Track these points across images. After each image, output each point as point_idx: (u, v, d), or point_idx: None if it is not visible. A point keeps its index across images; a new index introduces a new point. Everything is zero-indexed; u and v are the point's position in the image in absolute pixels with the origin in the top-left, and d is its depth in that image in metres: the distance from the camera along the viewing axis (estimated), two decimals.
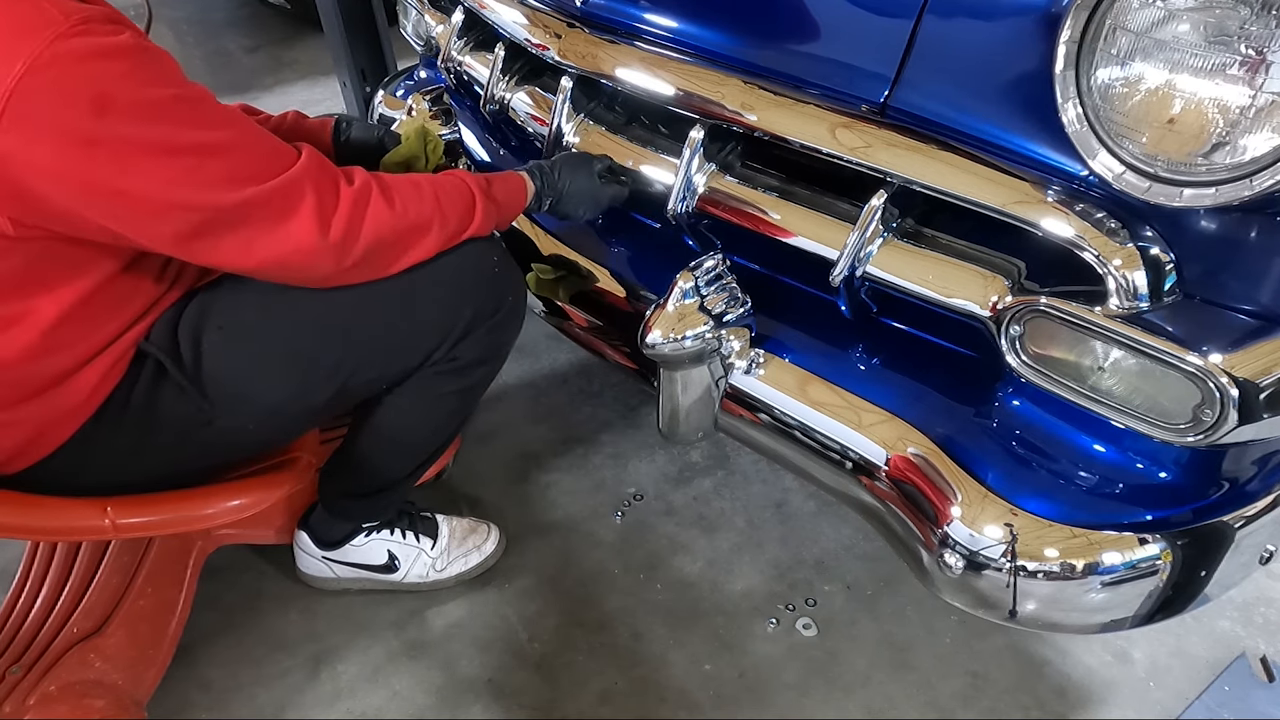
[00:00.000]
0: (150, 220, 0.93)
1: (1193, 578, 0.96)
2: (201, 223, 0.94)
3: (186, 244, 0.96)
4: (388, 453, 1.32)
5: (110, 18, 0.90)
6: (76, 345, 1.03)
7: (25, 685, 1.19)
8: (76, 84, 0.84)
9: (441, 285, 1.16)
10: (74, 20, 0.84)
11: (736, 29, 1.15)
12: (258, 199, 0.95)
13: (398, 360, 1.19)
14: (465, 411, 1.34)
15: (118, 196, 0.90)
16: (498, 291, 1.22)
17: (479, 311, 1.20)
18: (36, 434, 1.05)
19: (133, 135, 0.88)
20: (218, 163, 0.93)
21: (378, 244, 1.05)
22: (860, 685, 1.36)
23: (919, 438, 1.04)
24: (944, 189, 0.97)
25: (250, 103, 1.41)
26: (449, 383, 1.24)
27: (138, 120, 0.88)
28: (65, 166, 0.86)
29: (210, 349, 1.09)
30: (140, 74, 0.89)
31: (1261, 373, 0.83)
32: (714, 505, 1.65)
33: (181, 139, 0.91)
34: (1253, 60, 0.75)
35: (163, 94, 0.90)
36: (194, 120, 0.93)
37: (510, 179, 1.22)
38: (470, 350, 1.22)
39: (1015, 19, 0.89)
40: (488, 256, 1.21)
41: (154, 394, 1.08)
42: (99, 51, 0.86)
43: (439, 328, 1.18)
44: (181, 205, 0.92)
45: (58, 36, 0.83)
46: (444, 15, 1.71)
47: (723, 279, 1.15)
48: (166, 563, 1.38)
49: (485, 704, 1.35)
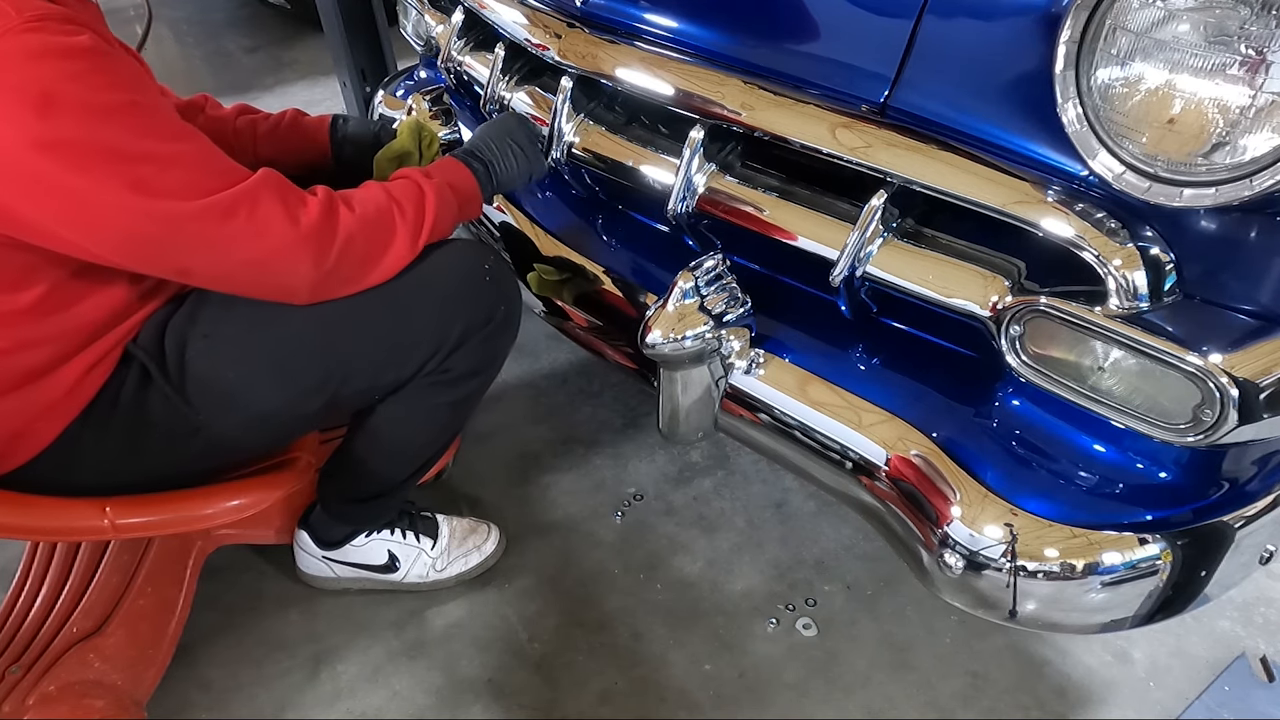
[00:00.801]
0: (102, 226, 0.90)
1: (1193, 578, 0.95)
2: (161, 231, 0.91)
3: (143, 251, 0.93)
4: (384, 459, 1.31)
5: (70, 18, 0.87)
6: (55, 340, 1.01)
7: (25, 685, 1.19)
8: (21, 81, 0.82)
9: (430, 296, 1.14)
10: (27, 16, 0.82)
11: (736, 29, 1.15)
12: (221, 203, 0.93)
13: (388, 372, 1.17)
14: (461, 420, 1.33)
15: (66, 198, 0.87)
16: (489, 301, 1.20)
17: (470, 322, 1.18)
18: (20, 430, 1.04)
19: (79, 138, 0.85)
20: (174, 173, 0.90)
21: (349, 242, 1.03)
22: (860, 685, 1.36)
23: (919, 438, 1.04)
24: (944, 189, 0.97)
25: (250, 103, 1.41)
26: (442, 394, 1.23)
27: (85, 123, 0.85)
28: (12, 167, 0.84)
29: (195, 356, 1.08)
30: (93, 77, 0.86)
31: (1261, 373, 0.83)
32: (714, 505, 1.65)
33: (133, 146, 0.88)
34: (1253, 60, 0.75)
35: (115, 99, 0.87)
36: (147, 129, 0.90)
37: (443, 162, 1.21)
38: (463, 361, 1.20)
39: (1015, 19, 0.89)
40: (478, 265, 1.19)
41: (141, 397, 1.07)
42: (49, 50, 0.83)
43: (429, 339, 1.16)
44: (137, 211, 0.89)
45: (6, 31, 0.81)
46: (444, 15, 1.71)
47: (723, 279, 1.15)
48: (166, 563, 1.38)
49: (485, 704, 1.35)
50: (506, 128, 1.27)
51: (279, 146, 1.36)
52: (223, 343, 1.09)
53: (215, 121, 1.34)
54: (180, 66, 3.82)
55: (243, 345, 1.10)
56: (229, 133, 1.34)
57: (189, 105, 1.34)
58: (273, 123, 1.37)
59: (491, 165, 1.23)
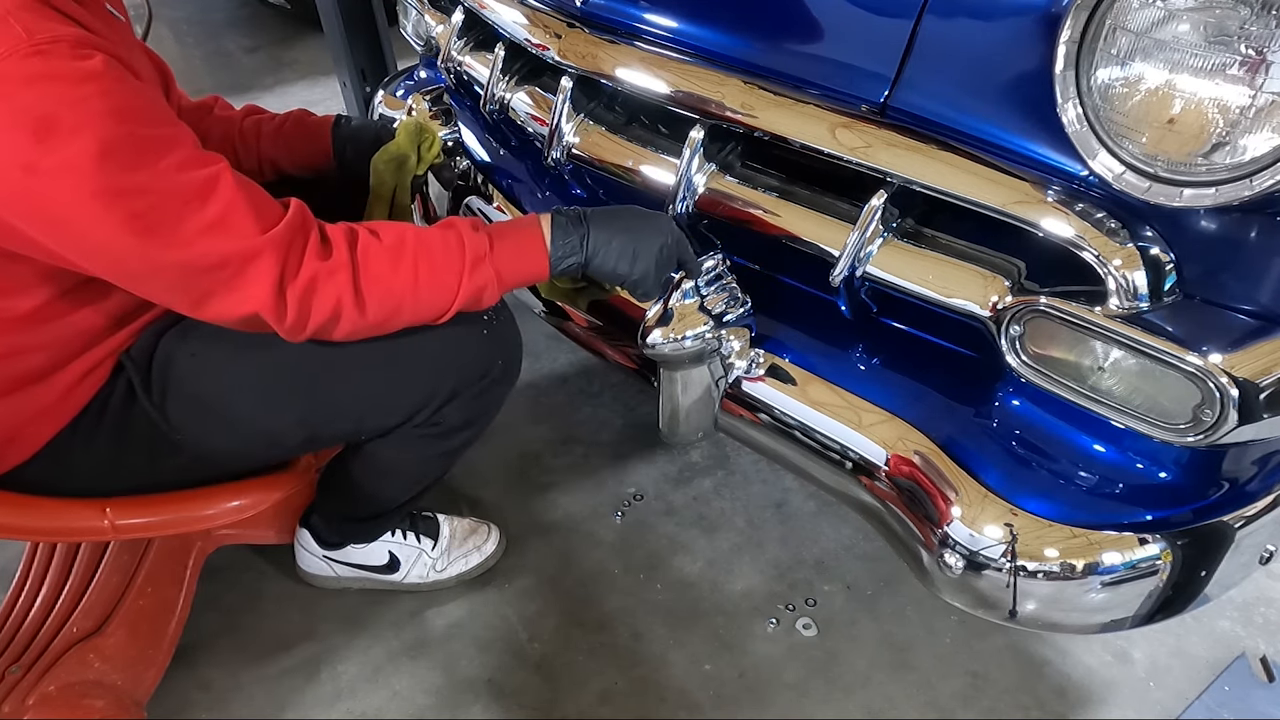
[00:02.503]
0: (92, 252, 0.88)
1: (1193, 578, 0.95)
2: (144, 268, 0.88)
3: (130, 282, 0.91)
4: (376, 486, 1.32)
5: (83, 41, 0.83)
6: (51, 346, 1.01)
7: (25, 685, 1.19)
8: (22, 105, 0.80)
9: (423, 348, 1.09)
10: (36, 40, 0.80)
11: (736, 29, 1.15)
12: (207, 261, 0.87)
13: (372, 418, 1.15)
14: (452, 462, 1.32)
15: (57, 225, 0.85)
16: (487, 355, 1.16)
17: (464, 378, 1.14)
18: (10, 434, 1.04)
19: (74, 165, 0.81)
20: (169, 211, 0.86)
21: (331, 321, 0.95)
22: (860, 685, 1.36)
23: (919, 438, 1.04)
24: (944, 189, 0.97)
25: (253, 103, 1.41)
26: (432, 445, 1.21)
27: (81, 151, 0.81)
28: (8, 190, 0.83)
29: (179, 375, 1.07)
30: (96, 102, 0.82)
31: (1261, 373, 0.83)
32: (714, 505, 1.65)
33: (129, 180, 0.83)
34: (1253, 60, 0.75)
35: (116, 129, 0.83)
36: (144, 162, 0.84)
37: (524, 235, 1.03)
38: (455, 415, 1.18)
39: (1015, 19, 0.89)
40: (476, 318, 1.12)
41: (126, 409, 1.07)
42: (52, 75, 0.80)
43: (419, 393, 1.13)
44: (124, 245, 0.86)
45: (10, 54, 0.79)
46: (444, 15, 1.71)
47: (723, 279, 1.15)
48: (166, 563, 1.38)
49: (485, 704, 1.35)
50: (652, 227, 1.06)
51: (283, 146, 1.36)
52: (208, 364, 1.08)
53: (223, 122, 1.35)
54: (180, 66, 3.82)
55: (227, 370, 1.08)
56: (235, 133, 1.34)
57: (199, 106, 1.34)
58: (277, 123, 1.38)
59: (590, 251, 1.04)
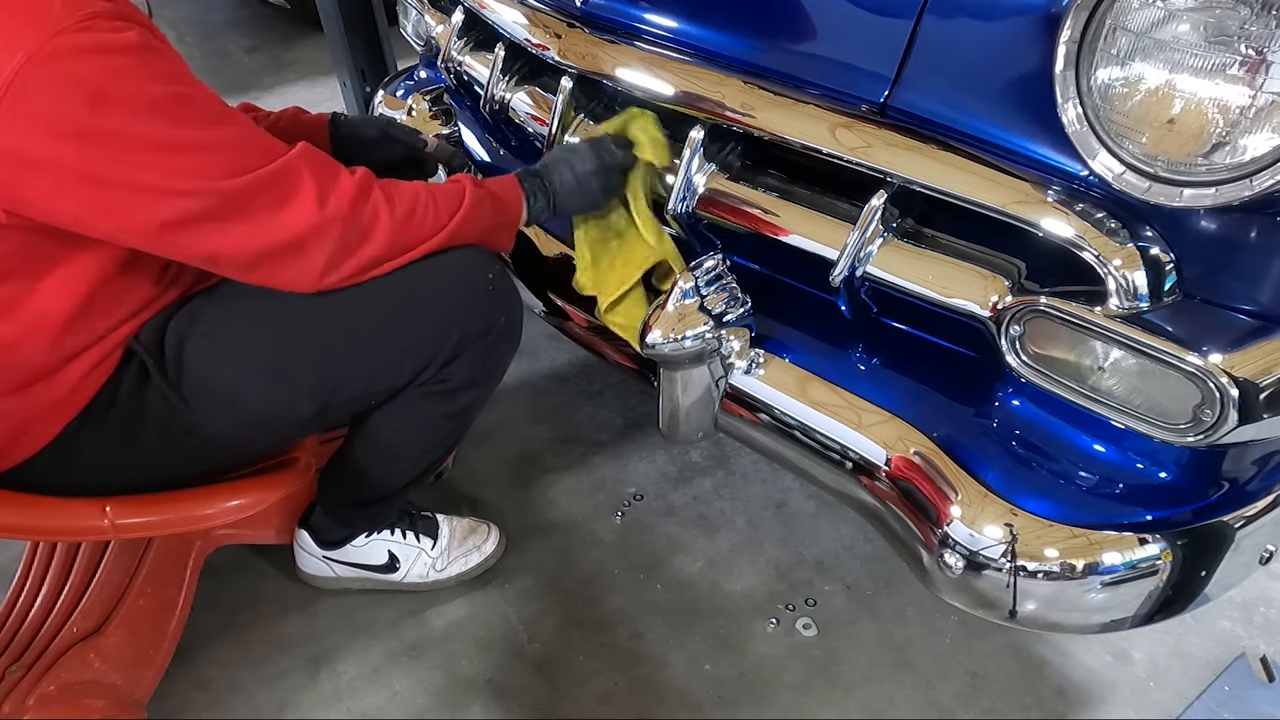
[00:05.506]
0: (144, 210, 0.93)
1: (1193, 578, 0.96)
2: (202, 210, 0.94)
3: (179, 234, 0.95)
4: (383, 466, 1.31)
5: (118, 14, 0.91)
6: (67, 340, 1.02)
7: (25, 685, 1.19)
8: (74, 78, 0.86)
9: (428, 302, 1.13)
10: (78, 16, 0.86)
11: (736, 29, 1.15)
12: (258, 183, 0.96)
13: (382, 378, 1.17)
14: (460, 430, 1.32)
15: (111, 188, 0.90)
16: (489, 311, 1.19)
17: (469, 331, 1.17)
18: (20, 429, 1.05)
19: (129, 130, 0.89)
20: (217, 156, 0.95)
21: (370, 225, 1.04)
22: (860, 685, 1.36)
23: (919, 438, 1.04)
24: (944, 189, 0.97)
25: (251, 102, 1.41)
26: (439, 405, 1.22)
27: (134, 115, 0.89)
28: (59, 158, 0.88)
29: (193, 355, 1.08)
30: (141, 71, 0.90)
31: (1261, 373, 0.83)
32: (714, 505, 1.65)
33: (179, 136, 0.92)
34: (1253, 60, 0.75)
35: (162, 91, 0.91)
36: (193, 118, 0.94)
37: (500, 180, 1.19)
38: (460, 372, 1.19)
39: (1015, 19, 0.89)
40: (482, 273, 1.17)
41: (139, 394, 1.08)
42: (99, 47, 0.87)
43: (426, 346, 1.15)
44: (181, 192, 0.93)
45: (59, 31, 0.85)
46: (444, 15, 1.71)
47: (723, 279, 1.15)
48: (166, 563, 1.37)
49: (485, 704, 1.35)
50: (574, 153, 1.22)
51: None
52: (221, 342, 1.10)
53: None
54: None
55: (240, 345, 1.11)
56: None
57: None
58: (273, 120, 1.38)
59: (548, 188, 1.20)
